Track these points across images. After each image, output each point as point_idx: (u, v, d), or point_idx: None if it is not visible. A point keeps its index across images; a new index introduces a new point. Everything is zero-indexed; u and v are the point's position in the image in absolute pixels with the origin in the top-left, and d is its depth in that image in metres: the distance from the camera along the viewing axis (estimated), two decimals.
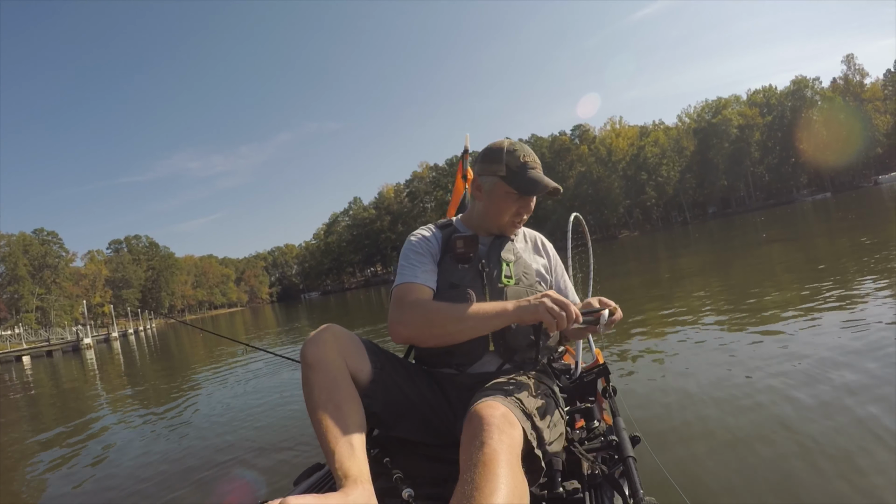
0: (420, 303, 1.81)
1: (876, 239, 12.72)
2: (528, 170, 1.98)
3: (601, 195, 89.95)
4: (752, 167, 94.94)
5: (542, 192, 1.98)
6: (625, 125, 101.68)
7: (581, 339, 2.45)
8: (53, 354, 39.59)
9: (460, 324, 1.70)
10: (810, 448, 2.93)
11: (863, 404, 3.39)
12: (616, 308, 1.83)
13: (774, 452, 2.98)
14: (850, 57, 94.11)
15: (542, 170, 2.03)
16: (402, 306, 1.82)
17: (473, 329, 1.72)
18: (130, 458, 5.56)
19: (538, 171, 1.99)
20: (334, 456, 1.43)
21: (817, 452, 2.86)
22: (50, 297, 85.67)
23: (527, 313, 1.66)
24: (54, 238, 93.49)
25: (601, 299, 1.90)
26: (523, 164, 1.97)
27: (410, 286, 1.89)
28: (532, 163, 1.99)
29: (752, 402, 3.81)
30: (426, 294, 1.89)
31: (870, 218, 20.48)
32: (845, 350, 4.60)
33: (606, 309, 1.79)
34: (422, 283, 1.91)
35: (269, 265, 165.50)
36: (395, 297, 1.88)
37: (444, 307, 1.75)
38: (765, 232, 25.37)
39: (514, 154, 1.98)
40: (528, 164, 1.98)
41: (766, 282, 9.58)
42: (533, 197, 2.02)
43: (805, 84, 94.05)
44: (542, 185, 1.96)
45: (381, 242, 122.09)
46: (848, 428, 3.12)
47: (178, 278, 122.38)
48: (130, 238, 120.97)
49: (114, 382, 14.40)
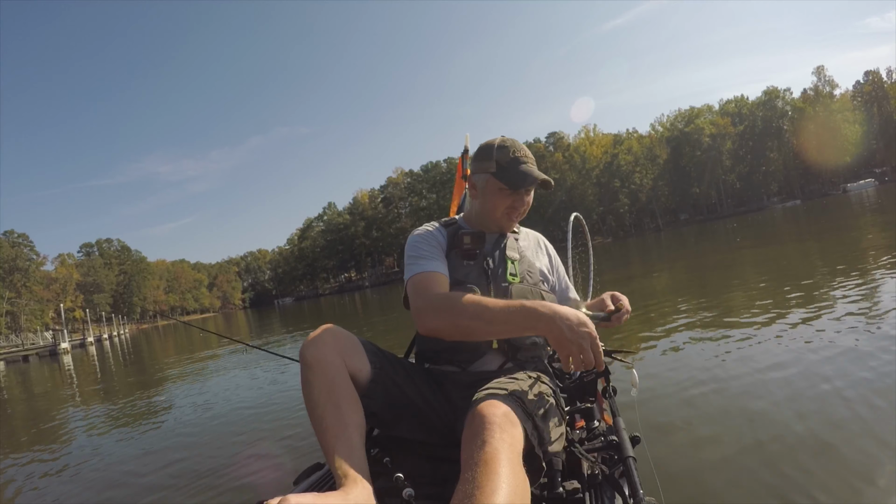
0: (450, 296, 1.75)
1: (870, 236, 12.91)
2: (519, 164, 1.99)
3: (575, 202, 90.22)
4: (723, 175, 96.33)
5: (531, 184, 1.98)
6: (599, 133, 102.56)
7: None
8: (30, 359, 39.04)
9: (490, 325, 1.63)
10: (811, 448, 2.94)
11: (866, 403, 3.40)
12: (623, 304, 1.87)
13: (775, 453, 2.98)
14: (821, 68, 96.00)
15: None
16: (429, 297, 1.78)
17: (500, 333, 1.71)
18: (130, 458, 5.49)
19: (529, 165, 2.00)
20: (334, 455, 1.43)
21: (818, 453, 2.87)
22: (20, 302, 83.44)
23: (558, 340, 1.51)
24: (25, 240, 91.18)
25: (614, 294, 1.94)
26: (514, 159, 1.98)
27: (430, 275, 1.87)
28: (523, 157, 2.00)
29: (753, 402, 3.81)
30: (445, 284, 1.88)
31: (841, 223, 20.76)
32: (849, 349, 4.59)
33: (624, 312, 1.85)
34: (439, 272, 1.90)
35: (241, 270, 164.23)
36: (417, 286, 1.85)
37: (475, 305, 1.65)
38: (738, 237, 25.68)
39: (505, 149, 1.99)
40: (519, 158, 1.99)
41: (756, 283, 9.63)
42: (527, 191, 2.03)
43: (776, 94, 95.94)
44: (531, 177, 1.97)
45: (355, 248, 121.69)
46: (849, 426, 3.13)
47: (150, 283, 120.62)
48: (102, 241, 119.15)
49: (99, 386, 14.09)
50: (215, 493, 4.04)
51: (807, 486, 2.57)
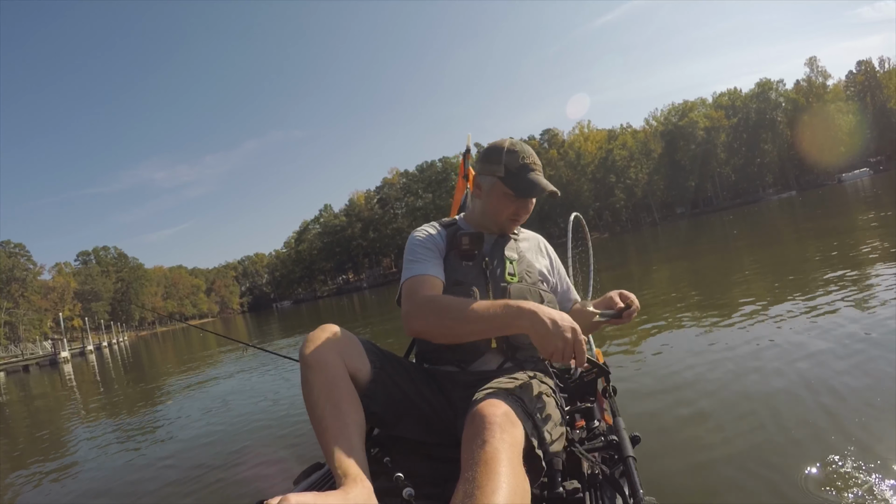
0: (435, 298, 1.79)
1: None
2: (528, 172, 1.99)
3: (570, 198, 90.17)
4: (718, 168, 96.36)
5: (539, 194, 1.99)
6: (593, 129, 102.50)
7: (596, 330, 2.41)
8: (30, 369, 39.04)
9: (472, 325, 1.67)
10: (812, 448, 2.92)
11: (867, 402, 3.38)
12: (633, 300, 1.90)
13: (775, 452, 2.97)
14: (813, 59, 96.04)
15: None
16: (417, 300, 1.81)
17: (484, 332, 1.71)
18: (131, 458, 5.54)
19: (537, 174, 2.01)
20: (333, 455, 1.42)
21: (819, 453, 2.84)
22: (18, 312, 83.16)
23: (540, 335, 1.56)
24: (22, 250, 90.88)
25: (622, 292, 1.95)
26: (523, 166, 1.98)
27: (422, 279, 1.89)
28: (532, 164, 2.00)
29: (754, 402, 3.79)
30: (438, 287, 1.89)
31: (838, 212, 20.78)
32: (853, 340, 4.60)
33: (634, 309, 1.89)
34: (433, 275, 1.91)
35: (239, 275, 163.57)
36: (408, 289, 1.87)
37: (458, 306, 1.71)
38: (735, 229, 25.69)
39: (514, 155, 1.99)
40: (528, 165, 1.99)
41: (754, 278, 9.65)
42: (531, 199, 2.04)
43: (769, 86, 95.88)
44: (539, 187, 1.98)
45: (352, 250, 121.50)
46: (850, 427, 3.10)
47: (147, 290, 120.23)
48: (99, 249, 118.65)
49: (102, 394, 14.09)
50: (215, 492, 4.06)
51: (807, 485, 2.56)
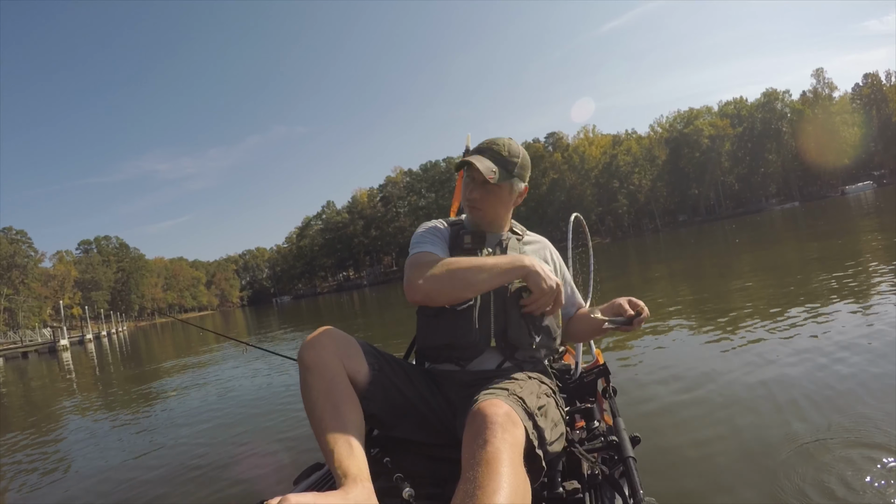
0: (437, 260, 1.80)
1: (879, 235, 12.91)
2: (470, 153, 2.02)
3: (573, 202, 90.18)
4: (722, 176, 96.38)
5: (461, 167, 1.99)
6: (598, 134, 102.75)
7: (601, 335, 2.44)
8: (29, 356, 39.10)
9: (474, 274, 1.73)
10: (812, 449, 2.92)
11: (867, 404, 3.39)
12: (643, 308, 1.89)
13: (776, 454, 2.96)
14: (820, 71, 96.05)
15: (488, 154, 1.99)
16: (418, 266, 1.81)
17: (486, 281, 1.75)
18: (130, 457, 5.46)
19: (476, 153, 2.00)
20: (333, 455, 1.42)
21: (819, 453, 2.85)
22: (18, 298, 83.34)
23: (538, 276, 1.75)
24: (23, 237, 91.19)
25: (631, 300, 1.94)
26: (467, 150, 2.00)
27: (425, 254, 1.88)
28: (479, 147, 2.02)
29: (755, 402, 3.80)
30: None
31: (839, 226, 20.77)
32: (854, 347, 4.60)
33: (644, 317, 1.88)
34: (437, 252, 1.91)
35: (239, 268, 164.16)
36: (411, 262, 1.87)
37: (459, 261, 1.78)
38: (737, 238, 25.71)
39: (469, 146, 2.02)
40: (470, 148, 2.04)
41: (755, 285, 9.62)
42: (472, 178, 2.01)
43: (776, 96, 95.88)
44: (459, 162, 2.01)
45: (354, 247, 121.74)
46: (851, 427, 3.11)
47: (148, 280, 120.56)
48: (100, 239, 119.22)
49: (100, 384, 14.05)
50: (216, 492, 4.03)
51: (807, 486, 2.56)
